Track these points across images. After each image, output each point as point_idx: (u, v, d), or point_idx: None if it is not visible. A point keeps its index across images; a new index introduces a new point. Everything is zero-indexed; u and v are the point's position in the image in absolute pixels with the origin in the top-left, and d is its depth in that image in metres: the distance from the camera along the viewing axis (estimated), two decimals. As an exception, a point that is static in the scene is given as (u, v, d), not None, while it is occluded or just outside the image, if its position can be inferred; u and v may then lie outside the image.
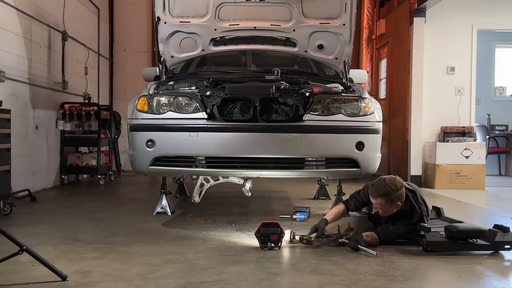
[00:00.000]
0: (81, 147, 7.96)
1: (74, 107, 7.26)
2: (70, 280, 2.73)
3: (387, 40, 9.29)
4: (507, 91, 10.48)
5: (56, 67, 7.17)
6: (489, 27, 8.43)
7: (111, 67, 9.97)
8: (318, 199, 5.98)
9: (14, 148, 5.22)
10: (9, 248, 2.74)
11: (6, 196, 4.76)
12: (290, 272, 3.00)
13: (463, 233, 3.46)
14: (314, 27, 5.14)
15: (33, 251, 2.75)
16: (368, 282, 2.83)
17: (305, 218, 4.60)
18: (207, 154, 4.28)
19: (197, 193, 4.54)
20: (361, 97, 4.40)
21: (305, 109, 4.25)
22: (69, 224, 4.38)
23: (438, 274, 3.04)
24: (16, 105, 5.79)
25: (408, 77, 8.02)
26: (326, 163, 4.34)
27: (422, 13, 7.89)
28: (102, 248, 3.49)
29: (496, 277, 2.95)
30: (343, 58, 5.22)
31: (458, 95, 7.92)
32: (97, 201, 5.89)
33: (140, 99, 4.41)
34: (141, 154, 4.34)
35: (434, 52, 7.99)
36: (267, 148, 4.23)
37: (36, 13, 6.43)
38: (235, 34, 5.23)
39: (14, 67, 5.87)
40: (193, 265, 3.10)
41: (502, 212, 5.49)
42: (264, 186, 6.79)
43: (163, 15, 5.05)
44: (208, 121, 4.22)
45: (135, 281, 2.77)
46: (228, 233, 4.04)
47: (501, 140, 9.86)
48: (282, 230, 3.53)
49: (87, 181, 7.92)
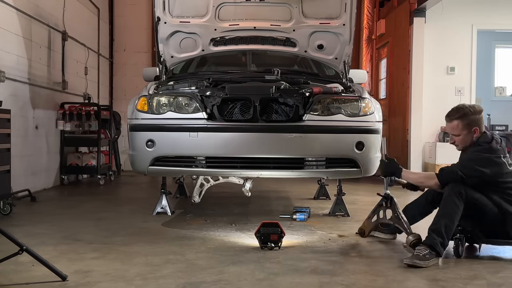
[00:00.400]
0: (81, 147, 7.96)
1: (74, 107, 7.26)
2: (70, 280, 2.74)
3: (387, 40, 9.29)
4: (507, 91, 10.48)
5: (56, 67, 7.17)
6: (489, 27, 8.44)
7: (111, 67, 9.96)
8: (318, 199, 5.98)
9: (14, 148, 5.22)
10: (9, 248, 2.74)
11: (6, 196, 4.76)
12: (290, 272, 3.00)
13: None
14: (314, 27, 5.14)
15: (33, 251, 2.75)
16: (368, 282, 2.84)
17: (305, 218, 4.60)
18: (207, 154, 4.27)
19: (197, 193, 4.54)
20: (361, 97, 4.40)
21: (305, 109, 4.25)
22: (69, 224, 4.38)
23: (438, 274, 3.03)
24: (16, 105, 5.79)
25: (408, 77, 8.02)
26: (326, 163, 4.34)
27: (422, 13, 7.89)
28: (102, 248, 3.49)
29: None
30: (343, 58, 5.22)
31: (458, 95, 7.92)
32: (97, 201, 5.89)
33: (140, 99, 4.41)
34: (141, 154, 4.34)
35: (434, 52, 7.99)
36: (267, 148, 4.22)
37: (36, 13, 6.43)
38: (235, 34, 5.23)
39: (14, 67, 5.87)
40: (193, 265, 3.10)
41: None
42: (264, 186, 6.79)
43: (163, 15, 5.05)
44: (208, 121, 4.22)
45: (135, 281, 2.77)
46: (228, 233, 4.04)
47: (501, 140, 9.85)
48: (282, 230, 3.53)
49: (87, 181, 7.91)
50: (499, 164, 3.34)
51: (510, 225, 3.33)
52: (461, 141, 3.47)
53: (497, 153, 3.36)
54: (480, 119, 3.44)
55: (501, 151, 3.39)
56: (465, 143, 3.46)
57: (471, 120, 3.41)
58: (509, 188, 3.36)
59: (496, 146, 3.38)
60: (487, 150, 3.36)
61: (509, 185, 3.37)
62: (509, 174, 3.38)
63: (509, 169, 3.38)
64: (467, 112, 3.42)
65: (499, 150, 3.38)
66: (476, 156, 3.37)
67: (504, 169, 3.35)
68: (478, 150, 3.39)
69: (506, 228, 3.33)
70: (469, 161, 3.39)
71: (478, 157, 3.36)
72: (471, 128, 3.42)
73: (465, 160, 3.44)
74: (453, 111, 3.48)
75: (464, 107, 3.46)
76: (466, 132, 3.43)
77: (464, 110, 3.43)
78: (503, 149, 3.41)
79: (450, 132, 3.55)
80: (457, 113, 3.45)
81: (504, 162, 3.36)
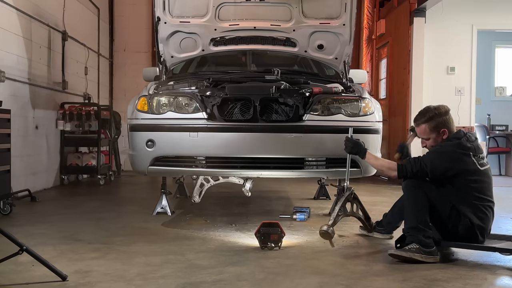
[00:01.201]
0: (81, 147, 7.96)
1: (74, 107, 7.26)
2: (70, 280, 2.74)
3: (387, 40, 9.29)
4: (507, 91, 10.48)
5: (56, 67, 7.17)
6: (489, 27, 8.43)
7: (111, 67, 9.96)
8: (318, 199, 5.98)
9: (14, 148, 5.22)
10: (9, 248, 2.74)
11: (6, 196, 4.76)
12: (290, 272, 3.00)
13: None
14: (314, 27, 5.14)
15: (33, 251, 2.75)
16: (368, 282, 2.84)
17: (305, 218, 4.60)
18: (207, 154, 4.28)
19: (197, 193, 4.54)
20: (361, 97, 4.40)
21: (305, 109, 4.25)
22: (69, 224, 4.38)
23: (438, 274, 3.03)
24: (16, 105, 5.79)
25: (408, 77, 8.02)
26: (326, 163, 4.34)
27: (422, 13, 7.89)
28: (102, 248, 3.49)
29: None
30: (343, 58, 5.22)
31: (458, 95, 7.92)
32: (97, 201, 5.89)
33: (140, 99, 4.41)
34: (141, 154, 4.34)
35: (434, 52, 7.99)
36: (267, 148, 4.23)
37: (36, 13, 6.43)
38: (235, 34, 5.23)
39: (14, 67, 5.87)
40: (193, 265, 3.10)
41: (502, 212, 5.48)
42: (264, 186, 6.79)
43: (163, 15, 5.04)
44: (208, 121, 4.22)
45: (135, 281, 2.77)
46: (228, 233, 4.04)
47: (501, 140, 9.86)
48: (282, 230, 3.53)
49: (87, 181, 7.91)
50: (465, 161, 3.28)
51: (463, 227, 3.26)
52: (432, 144, 3.45)
53: (465, 150, 3.30)
54: (447, 120, 3.41)
55: (472, 149, 3.31)
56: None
57: (437, 122, 3.40)
58: (471, 188, 3.29)
59: (465, 143, 3.32)
60: (455, 145, 3.32)
61: (472, 185, 3.29)
62: (477, 173, 3.30)
63: (478, 169, 3.30)
64: (433, 115, 3.40)
65: (469, 148, 3.31)
66: (443, 149, 3.34)
67: (470, 167, 3.28)
68: (446, 145, 3.35)
69: (457, 229, 3.27)
70: (434, 153, 3.36)
71: (444, 150, 3.33)
72: (439, 130, 3.40)
73: (431, 152, 3.40)
74: (419, 115, 3.48)
75: (430, 110, 3.44)
76: (435, 135, 3.42)
77: (429, 113, 3.42)
78: (475, 148, 3.34)
79: (420, 137, 3.54)
80: (423, 117, 3.44)
81: (472, 160, 3.29)
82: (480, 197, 3.31)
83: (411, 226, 3.27)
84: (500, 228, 4.24)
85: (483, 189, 3.33)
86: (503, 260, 3.32)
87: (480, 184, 3.32)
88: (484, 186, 3.34)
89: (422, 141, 3.54)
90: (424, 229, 3.23)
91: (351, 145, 3.70)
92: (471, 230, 3.27)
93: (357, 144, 3.69)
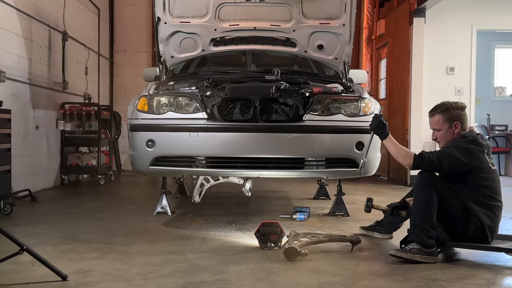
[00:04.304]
0: (81, 147, 7.97)
1: (75, 107, 7.26)
2: (70, 280, 2.74)
3: (387, 40, 9.29)
4: (507, 91, 10.49)
5: (56, 67, 7.17)
6: (488, 27, 8.43)
7: (111, 67, 9.96)
8: (318, 199, 5.99)
9: (15, 148, 5.23)
10: (9, 248, 2.74)
11: (6, 196, 4.76)
12: (290, 272, 3.00)
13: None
14: (314, 27, 5.14)
15: (33, 251, 2.75)
16: (368, 282, 2.84)
17: (305, 218, 4.60)
18: (207, 154, 4.28)
19: (197, 193, 4.54)
20: (361, 97, 4.41)
21: (305, 109, 4.26)
22: (69, 224, 4.39)
23: (438, 274, 3.04)
24: (17, 105, 5.80)
25: (408, 77, 8.02)
26: (326, 163, 4.34)
27: (422, 13, 7.89)
28: (102, 248, 3.50)
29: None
30: (343, 58, 5.22)
31: (458, 95, 7.91)
32: (97, 201, 5.89)
33: (140, 99, 4.42)
34: (141, 154, 4.34)
35: (434, 52, 7.99)
36: (267, 148, 4.23)
37: (36, 13, 6.43)
38: (235, 34, 5.24)
39: (14, 67, 5.87)
40: (193, 265, 3.10)
41: (502, 212, 5.49)
42: (264, 186, 6.80)
43: (163, 15, 5.05)
44: (208, 121, 4.23)
45: (135, 281, 2.78)
46: (228, 233, 4.04)
47: (500, 140, 9.86)
48: (282, 230, 3.54)
49: (87, 181, 7.92)
50: (481, 158, 3.30)
51: (472, 228, 3.26)
52: (442, 136, 3.45)
53: (481, 147, 3.33)
54: (462, 115, 3.42)
55: (486, 147, 3.36)
56: (446, 139, 3.44)
57: (452, 114, 3.40)
58: (483, 187, 3.30)
59: (481, 140, 3.36)
60: (471, 142, 3.34)
61: (485, 183, 3.31)
62: (489, 172, 3.33)
63: (490, 167, 3.34)
64: (449, 106, 3.42)
65: (484, 146, 3.35)
66: (459, 145, 3.34)
67: (484, 164, 3.31)
68: (462, 141, 3.36)
69: (467, 229, 3.27)
70: (452, 148, 3.35)
71: (462, 146, 3.33)
72: (452, 122, 3.41)
73: (448, 147, 3.40)
74: (436, 106, 3.50)
75: (447, 102, 3.47)
76: (447, 127, 3.42)
77: (446, 105, 3.44)
78: (488, 147, 3.39)
79: (432, 127, 3.52)
80: (439, 108, 3.46)
81: (486, 159, 3.33)
82: (492, 197, 3.33)
83: (416, 224, 3.27)
84: (500, 228, 4.21)
85: (494, 189, 3.35)
86: (503, 260, 3.33)
87: (492, 183, 3.35)
88: (495, 186, 3.37)
89: (433, 133, 3.53)
90: (428, 229, 3.23)
91: (376, 123, 3.58)
92: (481, 231, 3.28)
93: (383, 125, 3.55)
